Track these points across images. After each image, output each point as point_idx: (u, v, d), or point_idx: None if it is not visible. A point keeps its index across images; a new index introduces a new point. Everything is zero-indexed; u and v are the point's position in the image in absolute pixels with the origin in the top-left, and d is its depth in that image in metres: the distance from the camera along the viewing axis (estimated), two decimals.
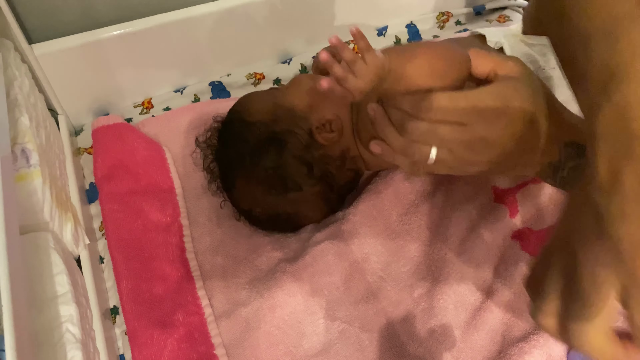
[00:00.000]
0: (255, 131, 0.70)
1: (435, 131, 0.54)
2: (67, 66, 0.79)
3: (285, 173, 0.69)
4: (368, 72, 0.53)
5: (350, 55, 0.52)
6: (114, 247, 0.71)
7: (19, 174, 0.61)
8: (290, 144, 0.68)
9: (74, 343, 0.55)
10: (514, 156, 0.56)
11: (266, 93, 0.75)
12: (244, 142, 0.70)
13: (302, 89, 0.71)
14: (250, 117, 0.71)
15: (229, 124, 0.74)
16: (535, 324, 0.61)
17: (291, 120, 0.69)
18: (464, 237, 0.70)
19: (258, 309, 0.66)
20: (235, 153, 0.71)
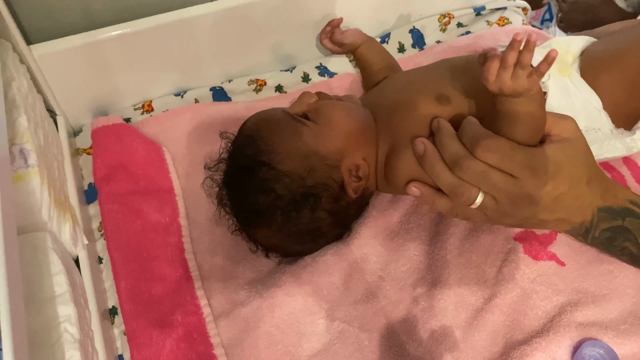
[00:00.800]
0: (289, 185, 0.65)
1: (489, 175, 0.56)
2: (65, 67, 0.79)
3: (316, 227, 0.68)
4: (530, 81, 0.54)
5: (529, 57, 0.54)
6: (113, 248, 0.71)
7: (17, 174, 0.61)
8: (323, 198, 0.66)
9: (72, 343, 0.55)
10: (553, 214, 0.58)
11: (294, 131, 0.67)
12: (276, 196, 0.65)
13: (334, 129, 0.67)
14: (282, 165, 0.65)
15: (256, 168, 0.66)
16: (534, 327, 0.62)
17: (325, 172, 0.66)
18: (463, 238, 0.69)
19: (257, 309, 0.66)
20: (265, 206, 0.66)
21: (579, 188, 0.57)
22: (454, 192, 0.58)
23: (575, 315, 0.63)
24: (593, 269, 0.66)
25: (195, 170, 0.80)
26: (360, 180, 0.67)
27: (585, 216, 0.59)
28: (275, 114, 0.70)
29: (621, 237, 0.60)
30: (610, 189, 0.60)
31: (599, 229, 0.60)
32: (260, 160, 0.66)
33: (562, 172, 0.56)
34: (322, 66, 0.93)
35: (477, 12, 0.99)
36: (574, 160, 0.57)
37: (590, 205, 0.58)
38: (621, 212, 0.59)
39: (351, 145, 0.67)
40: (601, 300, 0.64)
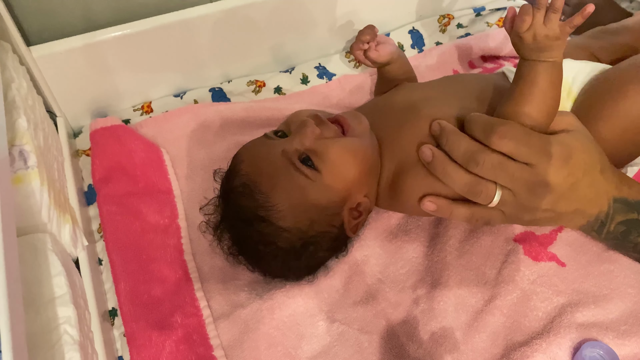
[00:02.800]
0: (289, 238, 0.63)
1: (506, 166, 0.55)
2: (65, 68, 0.79)
3: (316, 264, 0.68)
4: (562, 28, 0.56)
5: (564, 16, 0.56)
6: (112, 249, 0.71)
7: (16, 175, 0.61)
8: (323, 242, 0.65)
9: (72, 345, 0.55)
10: (570, 204, 0.57)
11: (294, 184, 0.63)
12: (276, 247, 0.64)
13: (338, 178, 0.63)
14: (282, 222, 0.63)
15: (255, 221, 0.63)
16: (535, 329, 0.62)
17: (325, 222, 0.64)
18: (463, 239, 0.69)
19: (257, 311, 0.66)
20: (265, 254, 0.65)
21: (594, 175, 0.57)
22: (471, 192, 0.57)
23: (576, 316, 0.62)
24: (593, 269, 0.66)
25: (194, 171, 0.80)
26: (360, 216, 0.66)
27: (601, 206, 0.58)
28: (273, 160, 0.64)
29: (636, 232, 0.60)
30: (624, 181, 0.60)
31: (615, 222, 0.59)
32: (259, 216, 0.63)
33: (576, 158, 0.56)
34: (321, 66, 0.93)
35: (477, 13, 0.99)
36: (585, 147, 0.57)
37: (606, 195, 0.58)
38: (637, 205, 0.59)
39: (355, 189, 0.65)
40: (602, 300, 0.64)
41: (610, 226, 0.60)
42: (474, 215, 0.60)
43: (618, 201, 0.59)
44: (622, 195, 0.59)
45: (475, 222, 0.60)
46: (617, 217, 0.59)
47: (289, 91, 0.91)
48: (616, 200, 0.59)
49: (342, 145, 0.64)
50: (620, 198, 0.59)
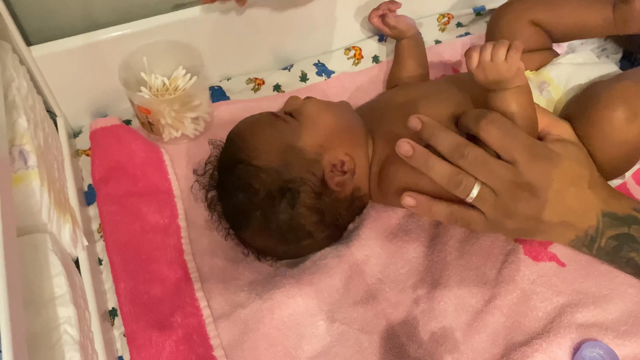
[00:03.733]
0: (264, 179, 0.66)
1: (488, 161, 0.55)
2: (65, 68, 0.79)
3: (298, 224, 0.67)
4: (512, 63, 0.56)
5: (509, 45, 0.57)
6: (112, 249, 0.71)
7: (16, 175, 0.61)
8: (302, 193, 0.66)
9: (72, 345, 0.55)
10: (556, 215, 0.57)
11: (272, 127, 0.69)
12: (252, 192, 0.66)
13: (314, 124, 0.68)
14: (256, 160, 0.66)
15: (232, 165, 0.68)
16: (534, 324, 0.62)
17: (302, 165, 0.66)
18: (463, 240, 0.69)
19: (257, 311, 0.66)
20: (243, 203, 0.67)
21: (582, 188, 0.57)
22: (451, 181, 0.57)
23: (576, 316, 0.62)
24: (593, 269, 0.66)
25: (193, 172, 0.80)
26: (344, 175, 0.67)
27: (590, 221, 0.58)
28: (259, 115, 0.72)
29: (628, 247, 0.59)
30: (613, 195, 0.59)
31: (605, 237, 0.59)
32: (238, 159, 0.67)
33: (564, 166, 0.56)
34: (320, 63, 0.94)
35: (477, 13, 0.99)
36: (575, 157, 0.57)
37: (594, 209, 0.58)
38: (626, 219, 0.58)
39: (333, 141, 0.67)
40: (602, 300, 0.64)
41: (601, 241, 0.59)
42: (452, 215, 0.60)
43: (607, 215, 0.58)
44: (611, 209, 0.58)
45: (455, 222, 0.60)
46: (608, 232, 0.58)
47: (288, 89, 0.91)
48: (605, 214, 0.58)
49: (320, 102, 0.72)
50: (610, 212, 0.58)
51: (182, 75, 0.82)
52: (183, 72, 0.82)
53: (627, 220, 0.58)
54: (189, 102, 0.78)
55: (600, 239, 0.59)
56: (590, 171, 0.58)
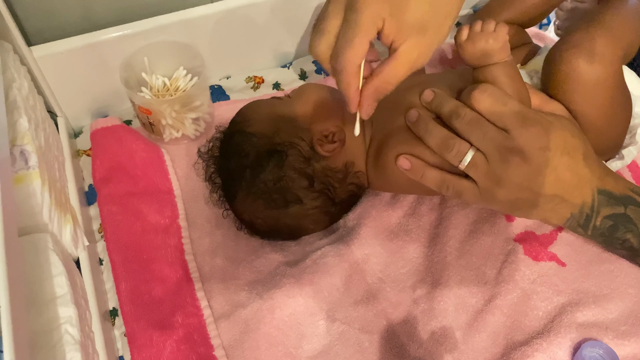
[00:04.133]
0: (255, 143, 0.68)
1: (482, 123, 0.56)
2: (66, 68, 0.79)
3: (286, 186, 0.68)
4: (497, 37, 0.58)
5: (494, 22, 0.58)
6: (112, 249, 0.71)
7: (17, 175, 0.61)
8: (290, 156, 0.67)
9: (73, 344, 0.55)
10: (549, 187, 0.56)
11: (268, 102, 0.73)
12: (244, 155, 0.69)
13: (306, 99, 0.71)
14: (250, 127, 0.70)
15: (229, 135, 0.72)
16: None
17: (292, 131, 0.68)
18: (463, 240, 0.69)
19: (257, 310, 0.66)
20: (235, 166, 0.69)
21: (575, 158, 0.56)
22: (445, 145, 0.58)
23: (576, 316, 0.62)
24: (594, 269, 0.66)
25: (194, 171, 0.80)
26: (334, 144, 0.68)
27: (585, 196, 0.57)
28: (261, 100, 0.75)
29: (623, 227, 0.58)
30: (609, 174, 0.59)
31: (601, 216, 0.58)
32: (235, 130, 0.71)
33: (556, 134, 0.55)
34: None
35: (476, 11, 0.99)
36: (568, 129, 0.57)
37: (589, 184, 0.57)
38: (623, 199, 0.58)
39: (323, 114, 0.69)
40: (602, 300, 0.64)
41: (597, 221, 0.58)
42: (444, 182, 0.60)
43: (603, 193, 0.57)
44: (606, 187, 0.58)
45: (446, 190, 0.60)
46: (603, 211, 0.58)
47: (288, 87, 0.92)
48: (600, 192, 0.57)
49: (314, 83, 0.76)
50: (605, 190, 0.57)
51: (183, 75, 0.82)
52: (184, 73, 0.82)
53: (623, 200, 0.58)
54: (189, 102, 0.78)
55: (596, 218, 0.58)
56: (584, 144, 0.58)
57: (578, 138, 0.57)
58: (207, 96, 0.82)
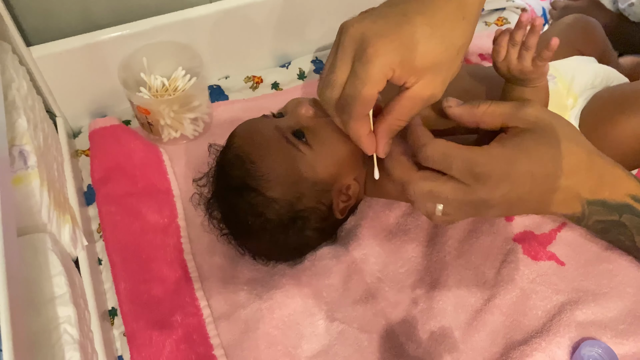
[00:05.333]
0: (278, 210, 0.65)
1: (437, 192, 0.52)
2: (65, 68, 0.79)
3: (303, 243, 0.69)
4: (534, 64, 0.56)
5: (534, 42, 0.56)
6: (111, 249, 0.71)
7: (16, 175, 0.61)
8: (311, 220, 0.67)
9: (72, 344, 0.55)
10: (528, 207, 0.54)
11: (286, 157, 0.64)
12: (265, 220, 0.65)
13: (332, 158, 0.65)
14: (271, 192, 0.64)
15: (244, 191, 0.65)
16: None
17: (315, 197, 0.66)
18: (462, 240, 0.69)
19: (257, 310, 0.66)
20: (254, 227, 0.66)
21: (550, 183, 0.52)
22: (416, 206, 0.55)
23: (575, 314, 0.63)
24: (593, 268, 0.66)
25: (193, 171, 0.80)
26: (349, 200, 0.67)
27: (574, 209, 0.54)
28: (266, 133, 0.66)
29: (615, 231, 0.57)
30: (606, 181, 0.54)
31: (592, 220, 0.56)
32: (249, 185, 0.64)
33: (515, 172, 0.51)
34: (317, 60, 0.94)
35: None
36: (530, 154, 0.51)
37: (577, 198, 0.54)
38: (618, 208, 0.55)
39: (345, 170, 0.67)
40: (601, 299, 0.64)
41: (588, 222, 0.56)
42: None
43: (594, 204, 0.54)
44: (599, 197, 0.54)
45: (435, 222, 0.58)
46: (594, 217, 0.55)
47: (286, 87, 0.92)
48: (591, 203, 0.54)
49: (332, 124, 0.60)
50: (597, 200, 0.54)
51: (182, 76, 0.82)
52: (182, 73, 0.82)
53: (618, 209, 0.55)
54: (188, 102, 0.78)
55: (587, 221, 0.56)
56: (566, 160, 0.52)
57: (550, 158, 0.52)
58: (206, 96, 0.82)
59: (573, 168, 0.52)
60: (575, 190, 0.53)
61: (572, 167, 0.52)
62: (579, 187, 0.53)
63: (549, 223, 0.70)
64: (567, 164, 0.52)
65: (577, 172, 0.53)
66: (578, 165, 0.53)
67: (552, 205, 0.54)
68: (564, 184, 0.52)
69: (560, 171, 0.52)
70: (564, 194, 0.53)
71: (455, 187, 0.51)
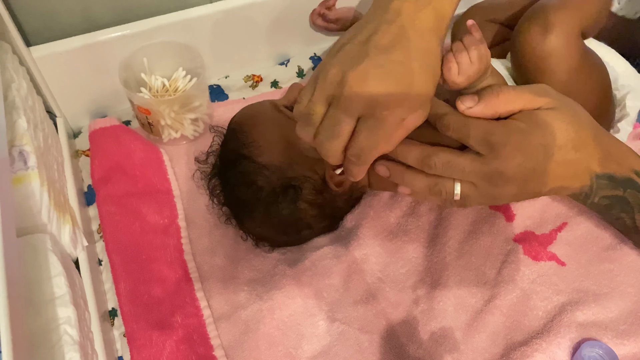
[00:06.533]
0: (269, 177, 0.67)
1: (455, 162, 0.54)
2: (65, 68, 0.79)
3: (298, 218, 0.69)
4: (484, 60, 0.56)
5: (475, 40, 0.55)
6: (112, 250, 0.71)
7: (16, 175, 0.61)
8: (305, 190, 0.67)
9: (72, 345, 0.55)
10: (543, 186, 0.55)
11: (276, 124, 0.69)
12: (256, 189, 0.67)
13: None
14: (262, 157, 0.67)
15: (238, 161, 0.68)
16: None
17: (306, 164, 0.66)
18: (463, 240, 0.69)
19: (257, 311, 0.66)
20: (247, 197, 0.68)
21: (562, 155, 0.54)
22: (432, 193, 0.56)
23: (576, 315, 0.62)
24: (593, 268, 0.66)
25: (193, 171, 0.80)
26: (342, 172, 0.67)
27: (583, 181, 0.56)
28: (260, 106, 0.72)
29: (619, 208, 0.58)
30: (613, 155, 0.57)
31: (599, 196, 0.58)
32: (241, 154, 0.68)
33: (529, 143, 0.53)
34: (316, 57, 0.95)
35: None
36: (544, 128, 0.54)
37: (587, 171, 0.56)
38: (623, 182, 0.57)
39: None
40: (602, 299, 0.64)
41: (595, 198, 0.58)
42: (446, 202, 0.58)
43: (602, 177, 0.57)
44: (606, 171, 0.57)
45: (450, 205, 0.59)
46: (601, 192, 0.57)
47: (286, 84, 0.92)
48: (599, 176, 0.56)
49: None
50: (605, 174, 0.57)
51: (182, 76, 0.82)
52: (183, 74, 0.82)
53: (623, 184, 0.57)
54: (188, 103, 0.78)
55: (594, 197, 0.58)
56: (575, 132, 0.55)
57: (561, 131, 0.55)
58: (206, 97, 0.82)
59: (583, 141, 0.55)
60: (585, 164, 0.56)
61: (582, 141, 0.55)
62: (588, 159, 0.56)
63: (549, 223, 0.70)
64: (578, 138, 0.55)
65: (587, 145, 0.56)
66: (587, 139, 0.56)
67: (564, 180, 0.56)
68: (575, 156, 0.55)
69: (571, 144, 0.55)
70: (574, 167, 0.55)
71: (473, 157, 0.54)
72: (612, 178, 0.57)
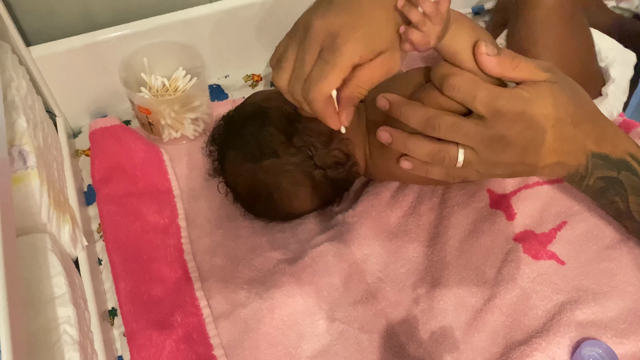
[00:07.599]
0: (244, 110, 0.73)
1: (460, 125, 0.55)
2: (65, 68, 0.79)
3: (263, 140, 0.69)
4: (441, 18, 0.54)
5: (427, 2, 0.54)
6: (112, 249, 0.71)
7: (16, 175, 0.61)
8: (274, 116, 0.69)
9: (71, 345, 0.55)
10: (540, 158, 0.56)
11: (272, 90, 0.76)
12: (234, 121, 0.73)
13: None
14: (246, 101, 0.75)
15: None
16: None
17: (282, 100, 0.64)
18: (463, 239, 0.69)
19: (257, 310, 0.66)
20: (224, 130, 0.73)
21: (562, 129, 0.55)
22: (436, 159, 0.57)
23: (576, 314, 0.62)
24: (593, 267, 0.66)
25: (194, 171, 0.80)
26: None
27: (579, 160, 0.57)
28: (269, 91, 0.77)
29: (613, 190, 0.59)
30: (608, 137, 0.58)
31: (594, 177, 0.58)
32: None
33: (532, 111, 0.54)
34: None
35: (476, 12, 0.99)
36: (546, 99, 0.55)
37: (583, 149, 0.57)
38: (617, 164, 0.58)
39: None
40: (601, 298, 0.64)
41: (590, 180, 0.59)
42: (448, 173, 0.59)
43: (597, 157, 0.57)
44: (602, 151, 0.57)
45: (452, 179, 0.60)
46: (596, 173, 0.58)
47: None
48: (595, 155, 0.57)
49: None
50: (600, 154, 0.57)
51: (182, 76, 0.82)
52: (183, 73, 0.82)
53: (618, 165, 0.58)
54: (188, 103, 0.78)
55: (589, 178, 0.59)
56: (574, 110, 0.56)
57: (562, 105, 0.56)
58: (207, 96, 0.82)
59: (581, 118, 0.56)
60: (581, 141, 0.57)
61: (580, 118, 0.56)
62: (585, 137, 0.57)
63: (549, 222, 0.70)
64: (577, 114, 0.56)
65: (584, 123, 0.56)
66: (585, 117, 0.57)
67: (561, 155, 0.56)
68: (573, 132, 0.56)
69: (570, 119, 0.55)
70: (571, 143, 0.56)
71: (477, 121, 0.55)
72: (607, 158, 0.57)
